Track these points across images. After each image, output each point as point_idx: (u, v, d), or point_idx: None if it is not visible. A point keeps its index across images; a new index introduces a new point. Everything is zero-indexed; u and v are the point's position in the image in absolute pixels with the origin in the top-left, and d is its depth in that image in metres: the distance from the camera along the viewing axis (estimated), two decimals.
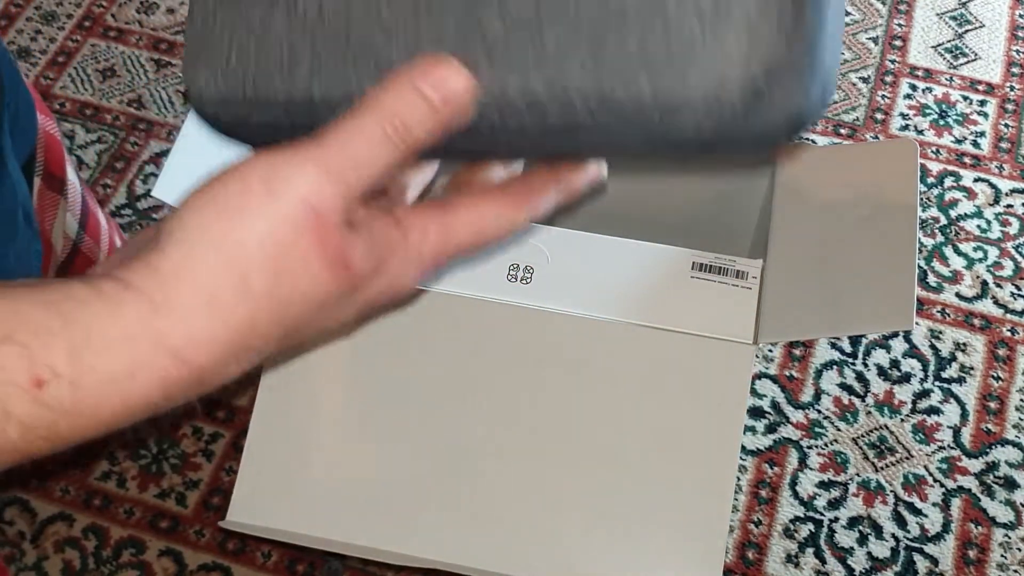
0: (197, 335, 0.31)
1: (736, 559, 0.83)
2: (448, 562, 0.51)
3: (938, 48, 1.11)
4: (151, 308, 0.30)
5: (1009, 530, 0.83)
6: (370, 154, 0.32)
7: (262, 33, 0.37)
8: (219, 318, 0.31)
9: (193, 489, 0.85)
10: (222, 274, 0.31)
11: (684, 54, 0.32)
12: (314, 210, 0.31)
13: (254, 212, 0.31)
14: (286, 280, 0.32)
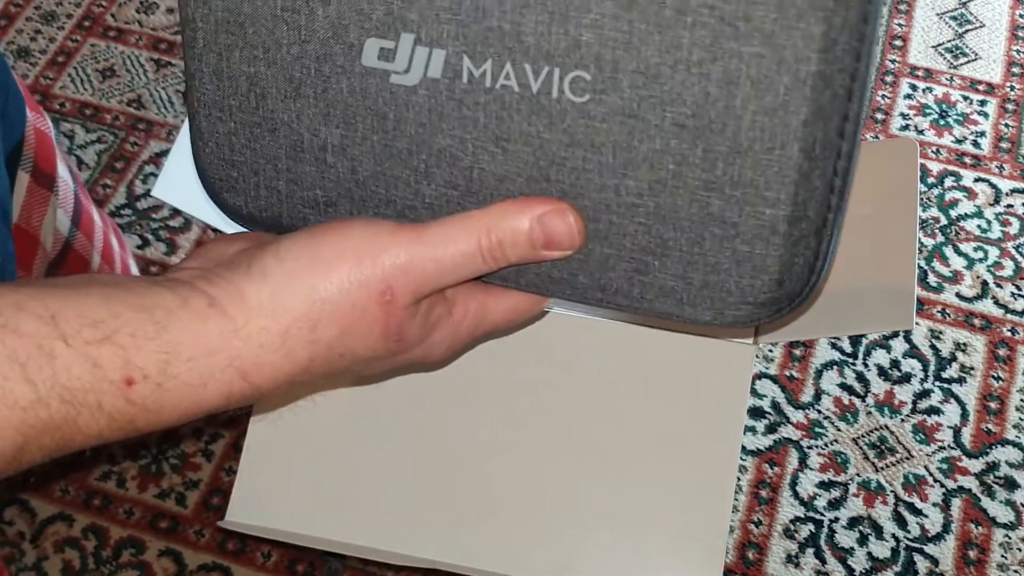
0: (265, 362, 0.35)
1: (736, 559, 0.83)
2: (448, 562, 0.51)
3: (938, 48, 1.11)
4: (233, 330, 0.34)
5: (1009, 530, 0.83)
6: (458, 262, 0.36)
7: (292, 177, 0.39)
8: (286, 356, 0.35)
9: (193, 489, 0.85)
10: (298, 319, 0.35)
11: (721, 287, 0.36)
12: (391, 290, 0.36)
13: (341, 274, 0.35)
14: (348, 339, 0.36)
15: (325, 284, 0.35)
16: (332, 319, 0.35)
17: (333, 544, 0.52)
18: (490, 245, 0.36)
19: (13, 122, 0.62)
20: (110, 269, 0.75)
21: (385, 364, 0.39)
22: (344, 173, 0.38)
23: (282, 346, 0.35)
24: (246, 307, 0.35)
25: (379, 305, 0.36)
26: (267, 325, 0.35)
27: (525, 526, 0.51)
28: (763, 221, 0.35)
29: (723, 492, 0.51)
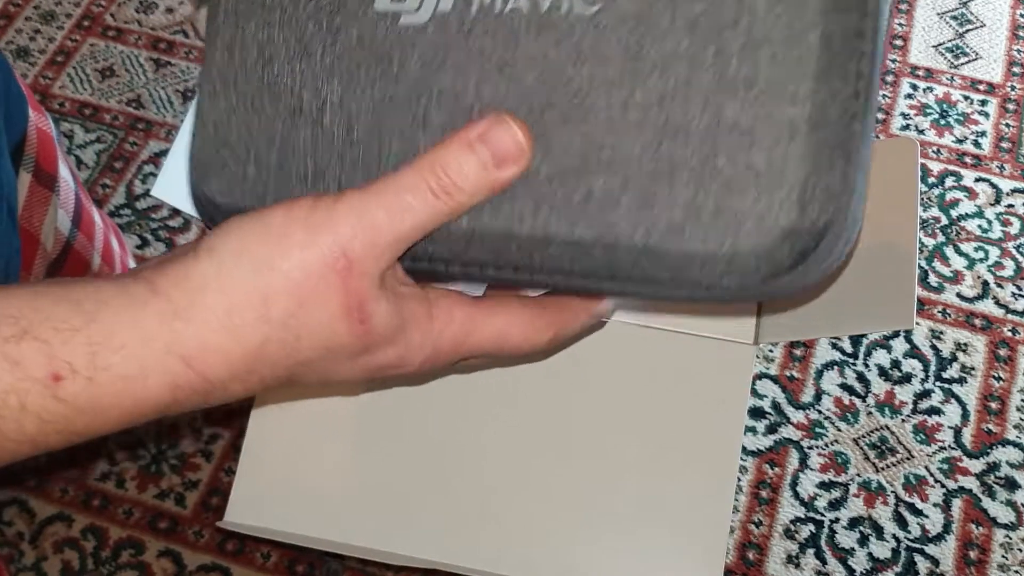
0: (210, 346, 0.32)
1: (736, 560, 0.82)
2: (448, 562, 0.51)
3: (939, 48, 1.10)
4: (173, 312, 0.32)
5: (1010, 531, 0.83)
6: (408, 205, 0.33)
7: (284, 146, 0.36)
8: (234, 335, 0.32)
9: (192, 489, 0.85)
10: (246, 293, 0.32)
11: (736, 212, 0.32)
12: (345, 255, 0.32)
13: (292, 244, 0.32)
14: (303, 314, 0.33)
15: (276, 254, 0.32)
16: (284, 290, 0.32)
17: (333, 544, 0.51)
18: (438, 179, 0.33)
19: (15, 121, 0.62)
20: (110, 270, 0.75)
21: (356, 364, 0.35)
22: (339, 133, 0.36)
23: (229, 324, 0.32)
24: (190, 287, 0.32)
25: (335, 273, 0.32)
26: (212, 302, 0.32)
27: (525, 526, 0.51)
28: (781, 122, 0.32)
29: (723, 492, 0.51)
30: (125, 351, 0.31)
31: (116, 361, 0.31)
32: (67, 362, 0.31)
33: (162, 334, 0.32)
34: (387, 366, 0.36)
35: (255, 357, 0.33)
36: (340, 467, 0.53)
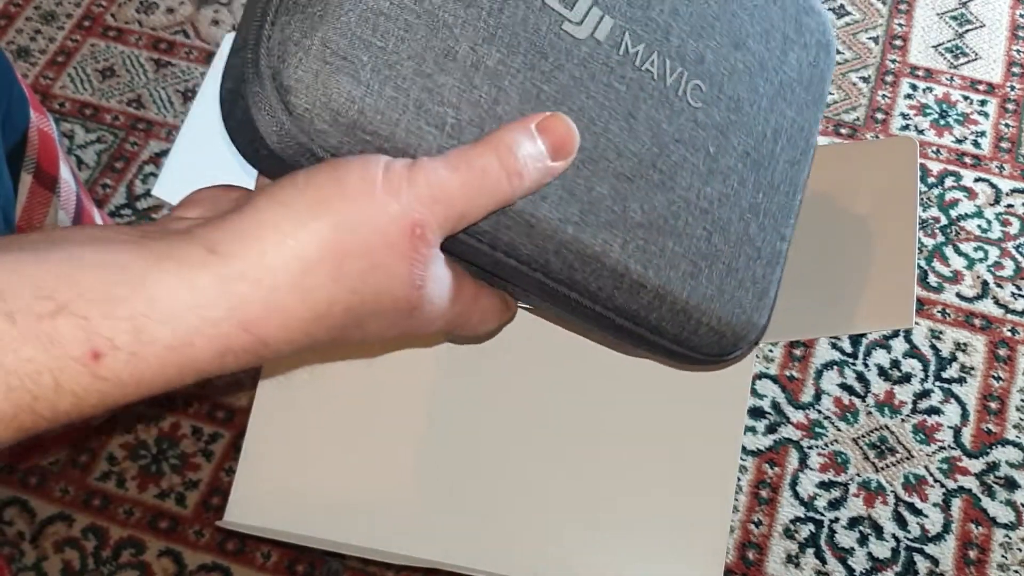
0: (277, 307, 0.30)
1: (736, 559, 0.83)
2: (448, 562, 0.51)
3: (939, 48, 1.11)
4: (239, 274, 0.30)
5: (1010, 530, 0.83)
6: (485, 186, 0.34)
7: (430, 85, 0.35)
8: (304, 296, 0.31)
9: (193, 489, 0.85)
10: (323, 252, 0.31)
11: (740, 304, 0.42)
12: (421, 223, 0.32)
13: (370, 205, 0.31)
14: (373, 277, 0.32)
15: (354, 214, 0.31)
16: (360, 252, 0.31)
17: (333, 544, 0.52)
18: (508, 161, 0.34)
19: (16, 122, 0.62)
20: None
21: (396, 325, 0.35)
22: (487, 100, 0.35)
23: (302, 285, 0.30)
24: (259, 245, 0.30)
25: (409, 239, 0.32)
26: (286, 262, 0.30)
27: (525, 526, 0.51)
28: (775, 250, 0.44)
29: (723, 492, 0.51)
30: (175, 322, 0.29)
31: (164, 334, 0.29)
32: (108, 338, 0.28)
33: (222, 300, 0.29)
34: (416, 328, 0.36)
35: (319, 319, 0.32)
36: (340, 467, 0.53)
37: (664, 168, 0.40)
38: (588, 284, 0.39)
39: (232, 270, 0.30)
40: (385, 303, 0.33)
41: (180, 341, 0.29)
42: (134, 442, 0.87)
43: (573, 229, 0.37)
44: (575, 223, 0.37)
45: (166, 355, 0.29)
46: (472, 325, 0.40)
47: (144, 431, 0.88)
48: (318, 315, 0.31)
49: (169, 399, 0.89)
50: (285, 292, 0.30)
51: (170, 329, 0.29)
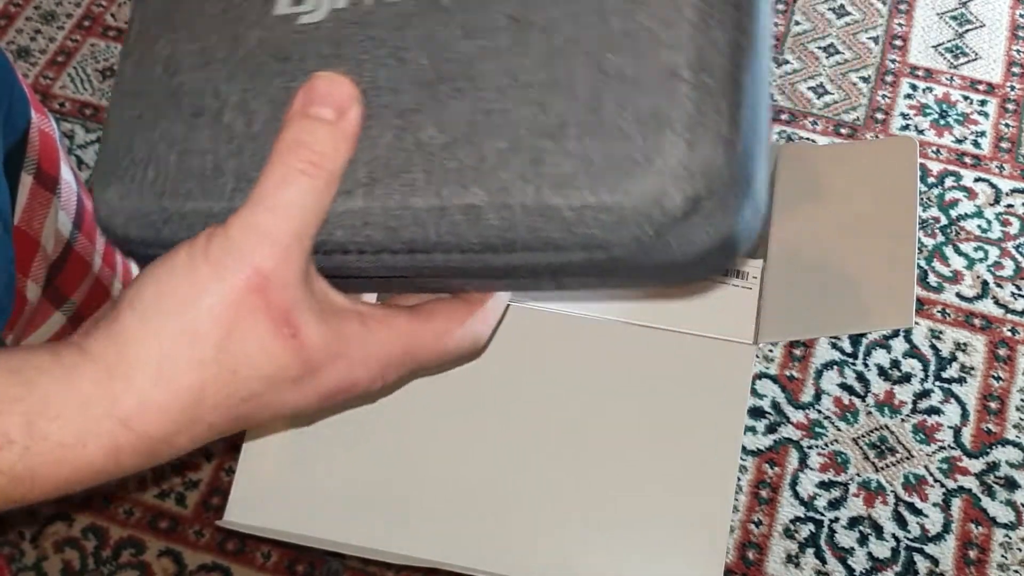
0: (148, 402, 0.31)
1: (736, 559, 0.83)
2: (448, 562, 0.51)
3: (938, 48, 1.11)
4: (107, 374, 0.31)
5: (1009, 530, 0.83)
6: (293, 198, 0.32)
7: (184, 146, 0.36)
8: (168, 384, 0.31)
9: (193, 489, 0.85)
10: (173, 338, 0.31)
11: (625, 158, 0.32)
12: (257, 271, 0.32)
13: (203, 279, 0.32)
14: (234, 344, 0.32)
15: (191, 294, 0.32)
16: (210, 325, 0.32)
17: (333, 544, 0.52)
18: (298, 157, 0.33)
19: (16, 122, 0.62)
20: (111, 271, 0.75)
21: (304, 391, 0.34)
22: (239, 128, 0.36)
23: (163, 375, 0.31)
24: (116, 345, 0.32)
25: (253, 292, 0.32)
26: (142, 356, 0.31)
27: (525, 526, 0.51)
28: (662, 65, 0.32)
29: (723, 492, 0.51)
30: (62, 419, 0.31)
31: (53, 430, 0.31)
32: (3, 434, 0.30)
33: (99, 398, 0.31)
34: (336, 390, 0.35)
35: (195, 404, 0.32)
36: (340, 467, 0.53)
37: (456, 73, 0.35)
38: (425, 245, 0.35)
39: (102, 370, 0.31)
40: (264, 366, 0.33)
41: (72, 439, 0.31)
42: None
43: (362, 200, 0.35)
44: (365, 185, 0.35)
45: (60, 452, 0.31)
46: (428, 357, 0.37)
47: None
48: (194, 401, 0.32)
49: None
50: (151, 385, 0.31)
51: (58, 426, 0.30)
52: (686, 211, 0.32)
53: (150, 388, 0.31)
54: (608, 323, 0.53)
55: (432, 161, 0.34)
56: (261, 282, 0.32)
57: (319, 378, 0.34)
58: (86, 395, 0.31)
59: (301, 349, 0.33)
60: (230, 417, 0.33)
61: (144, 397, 0.31)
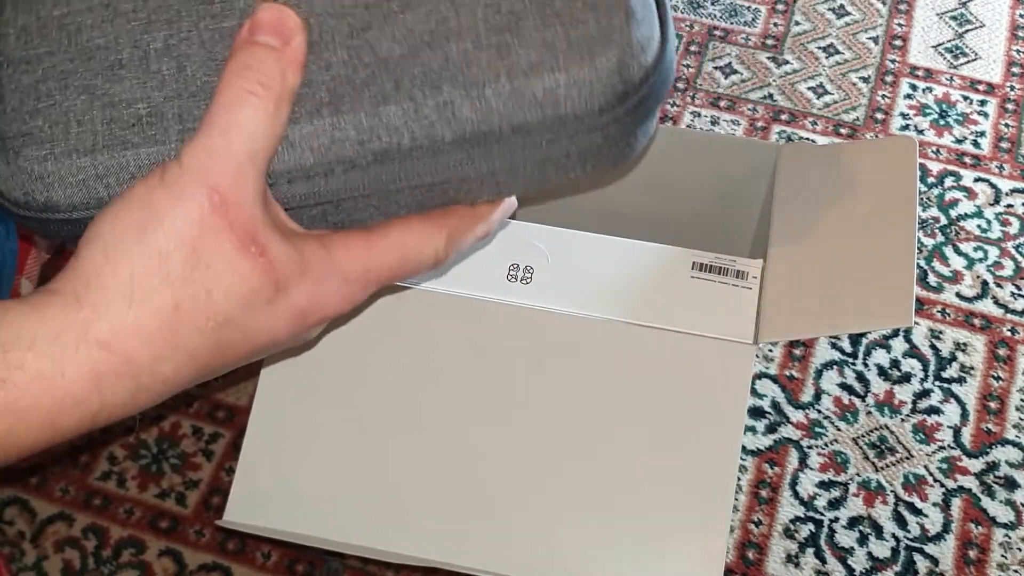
0: (122, 322, 0.31)
1: (736, 559, 0.83)
2: (448, 562, 0.51)
3: (938, 48, 1.11)
4: (76, 303, 0.31)
5: (1009, 530, 0.83)
6: (245, 118, 0.33)
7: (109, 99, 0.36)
8: (142, 304, 0.32)
9: (193, 489, 0.85)
10: (142, 259, 0.32)
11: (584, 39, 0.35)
12: (215, 191, 0.32)
13: (163, 204, 0.32)
14: (202, 263, 0.32)
15: (153, 219, 0.32)
16: (175, 244, 0.32)
17: (333, 543, 0.52)
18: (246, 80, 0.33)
19: None
20: None
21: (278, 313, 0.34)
22: (170, 74, 0.36)
23: (135, 297, 0.31)
24: (82, 277, 0.32)
25: (214, 211, 0.32)
26: (111, 282, 0.31)
27: (525, 526, 0.51)
28: None
29: (723, 492, 0.51)
30: (36, 350, 0.30)
31: (29, 360, 0.30)
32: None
33: (71, 325, 0.31)
34: (308, 309, 0.35)
35: (172, 326, 0.32)
36: (340, 466, 0.53)
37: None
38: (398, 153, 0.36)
39: (71, 301, 0.31)
40: (235, 285, 0.33)
41: (50, 368, 0.31)
42: (134, 442, 0.87)
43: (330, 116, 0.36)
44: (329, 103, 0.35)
45: (39, 384, 0.30)
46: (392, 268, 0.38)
47: (144, 431, 0.88)
48: (170, 322, 0.32)
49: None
50: (124, 307, 0.31)
51: (33, 356, 0.30)
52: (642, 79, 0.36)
53: (123, 310, 0.31)
54: (608, 323, 0.53)
55: (398, 70, 0.35)
56: (220, 201, 0.32)
57: (290, 297, 0.35)
58: (58, 325, 0.31)
59: (269, 267, 0.34)
60: (211, 345, 0.33)
61: (117, 320, 0.31)
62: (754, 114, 1.06)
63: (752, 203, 0.64)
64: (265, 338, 0.35)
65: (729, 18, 1.13)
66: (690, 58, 1.10)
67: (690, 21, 1.13)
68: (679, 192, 0.66)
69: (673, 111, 1.06)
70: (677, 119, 1.05)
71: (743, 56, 1.10)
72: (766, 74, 1.09)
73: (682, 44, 1.11)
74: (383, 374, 0.54)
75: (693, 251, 0.55)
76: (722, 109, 1.06)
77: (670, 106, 1.06)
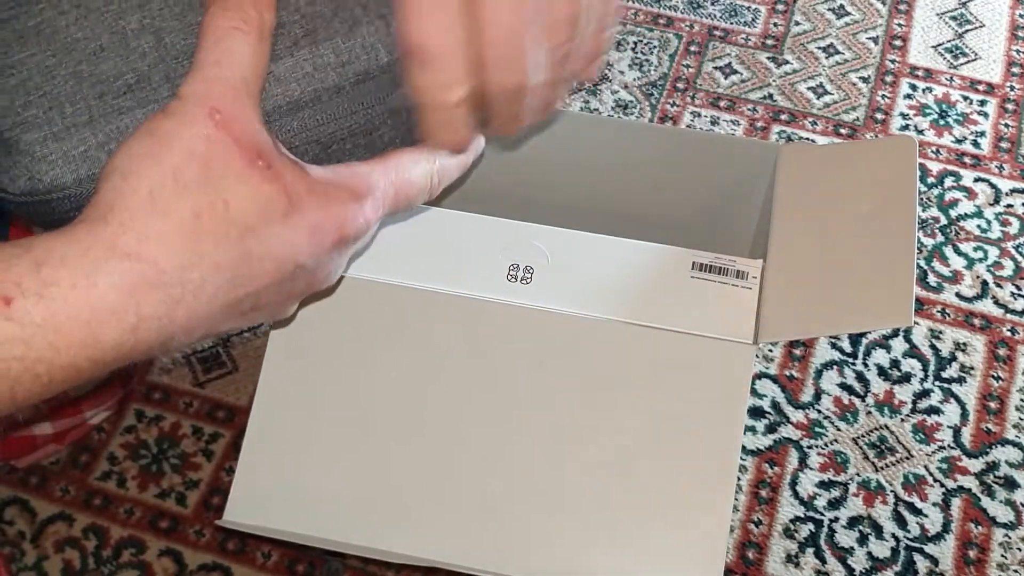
0: (145, 232, 0.33)
1: (736, 559, 0.83)
2: (448, 562, 0.51)
3: (938, 48, 1.11)
4: (102, 223, 0.33)
5: (1009, 530, 0.83)
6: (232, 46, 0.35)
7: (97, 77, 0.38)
8: (164, 215, 0.33)
9: (193, 489, 0.85)
10: (157, 177, 0.33)
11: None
12: (215, 108, 0.34)
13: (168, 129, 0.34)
14: (215, 175, 0.34)
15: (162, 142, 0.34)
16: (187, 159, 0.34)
17: (333, 543, 0.52)
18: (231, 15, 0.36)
19: None
20: None
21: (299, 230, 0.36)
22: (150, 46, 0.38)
23: (154, 206, 0.33)
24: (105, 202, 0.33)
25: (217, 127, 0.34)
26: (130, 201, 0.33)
27: (525, 526, 0.51)
28: None
29: (723, 492, 0.51)
30: (67, 265, 0.32)
31: (63, 275, 0.31)
32: (15, 283, 0.31)
33: (98, 241, 0.32)
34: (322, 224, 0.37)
35: (194, 232, 0.33)
36: (340, 466, 0.53)
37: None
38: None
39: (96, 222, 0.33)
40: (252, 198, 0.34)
41: (83, 279, 0.32)
42: (134, 442, 0.87)
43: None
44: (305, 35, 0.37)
45: (73, 295, 0.31)
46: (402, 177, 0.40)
47: (144, 431, 0.88)
48: (193, 229, 0.33)
49: (169, 397, 0.89)
50: (147, 217, 0.33)
51: (67, 271, 0.31)
52: None
53: (146, 222, 0.33)
54: (608, 323, 0.53)
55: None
56: (222, 119, 0.34)
57: (304, 210, 0.36)
58: (87, 242, 0.32)
59: (278, 178, 0.35)
60: (235, 257, 0.35)
61: (142, 229, 0.33)
62: (754, 114, 1.06)
63: (752, 203, 0.64)
64: (287, 253, 0.36)
65: (729, 18, 1.13)
66: (690, 58, 1.10)
67: (690, 21, 1.13)
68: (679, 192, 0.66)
69: (673, 111, 1.06)
70: (677, 119, 1.05)
71: (743, 56, 1.10)
72: (766, 74, 1.09)
73: (682, 44, 1.11)
74: (383, 374, 0.54)
75: (693, 251, 0.55)
76: (722, 109, 1.06)
77: (670, 106, 1.06)
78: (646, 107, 1.06)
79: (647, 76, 1.08)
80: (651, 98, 1.07)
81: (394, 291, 0.54)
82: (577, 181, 0.65)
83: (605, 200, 0.66)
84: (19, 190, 0.38)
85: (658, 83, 1.08)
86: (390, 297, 0.54)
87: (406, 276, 0.54)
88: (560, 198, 0.65)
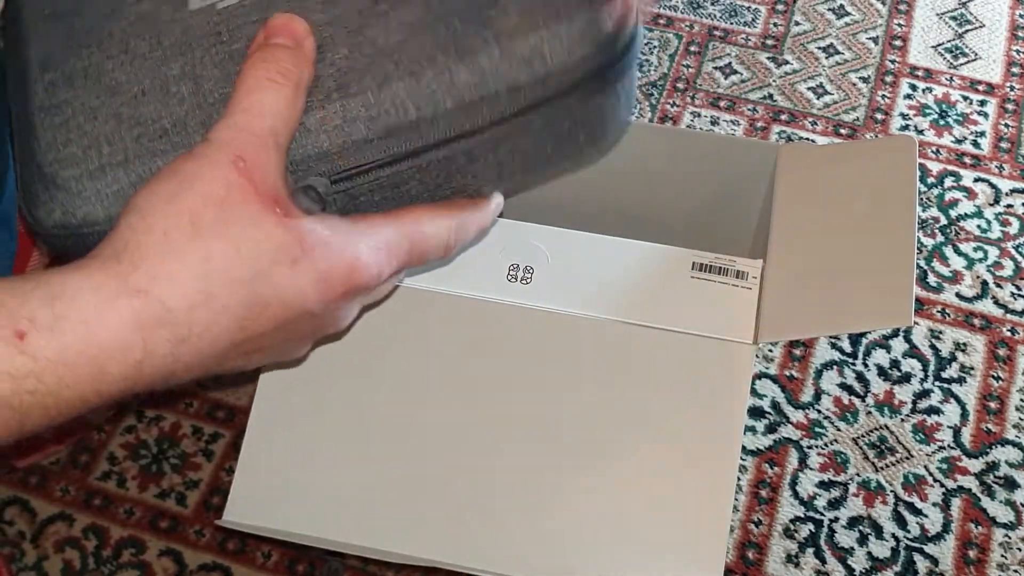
0: (156, 271, 0.33)
1: (736, 559, 0.83)
2: (448, 562, 0.51)
3: (938, 48, 1.11)
4: (115, 260, 0.33)
5: (1009, 530, 0.83)
6: (265, 99, 0.36)
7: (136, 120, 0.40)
8: (175, 256, 0.34)
9: (193, 489, 0.85)
10: (173, 219, 0.34)
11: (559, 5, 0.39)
12: (239, 156, 0.35)
13: (191, 171, 0.35)
14: (231, 219, 0.34)
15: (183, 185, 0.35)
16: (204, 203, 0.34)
17: (333, 543, 0.52)
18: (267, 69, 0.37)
19: None
20: None
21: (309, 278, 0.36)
22: (188, 92, 0.39)
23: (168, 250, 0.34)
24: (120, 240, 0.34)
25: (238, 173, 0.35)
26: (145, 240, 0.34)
27: (525, 526, 0.51)
28: None
29: (723, 492, 0.51)
30: (79, 299, 0.32)
31: (74, 309, 0.32)
32: (29, 318, 0.32)
33: (111, 278, 0.33)
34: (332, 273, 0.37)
35: (204, 274, 0.34)
36: (340, 466, 0.53)
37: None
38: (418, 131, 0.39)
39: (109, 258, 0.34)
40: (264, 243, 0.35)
41: (94, 315, 0.32)
42: (134, 442, 0.87)
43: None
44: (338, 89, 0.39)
45: (84, 330, 0.32)
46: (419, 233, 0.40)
47: (144, 431, 0.88)
48: (203, 272, 0.34)
49: (169, 396, 0.89)
50: (159, 258, 0.34)
51: (78, 305, 0.32)
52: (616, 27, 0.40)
53: (158, 261, 0.34)
54: (608, 323, 0.53)
55: (396, 54, 0.39)
56: (245, 168, 0.35)
57: (315, 259, 0.36)
58: (99, 278, 0.33)
59: (293, 227, 0.36)
60: (243, 300, 0.35)
61: (153, 268, 0.33)
62: (754, 114, 1.06)
63: (752, 203, 0.64)
64: (295, 299, 0.36)
65: (729, 18, 1.13)
66: (690, 58, 1.10)
67: (690, 21, 1.13)
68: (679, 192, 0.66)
69: (673, 111, 1.06)
70: (677, 119, 1.05)
71: (743, 56, 1.10)
72: (766, 74, 1.09)
73: (682, 44, 1.11)
74: (383, 374, 0.54)
75: (693, 251, 0.55)
76: (722, 109, 1.06)
77: (670, 106, 1.06)
78: (646, 107, 1.06)
79: (647, 76, 1.08)
80: (651, 98, 1.07)
81: (394, 291, 0.54)
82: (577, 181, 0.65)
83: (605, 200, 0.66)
84: (53, 223, 0.40)
85: (658, 83, 1.08)
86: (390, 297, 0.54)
87: (406, 276, 0.54)
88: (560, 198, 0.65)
